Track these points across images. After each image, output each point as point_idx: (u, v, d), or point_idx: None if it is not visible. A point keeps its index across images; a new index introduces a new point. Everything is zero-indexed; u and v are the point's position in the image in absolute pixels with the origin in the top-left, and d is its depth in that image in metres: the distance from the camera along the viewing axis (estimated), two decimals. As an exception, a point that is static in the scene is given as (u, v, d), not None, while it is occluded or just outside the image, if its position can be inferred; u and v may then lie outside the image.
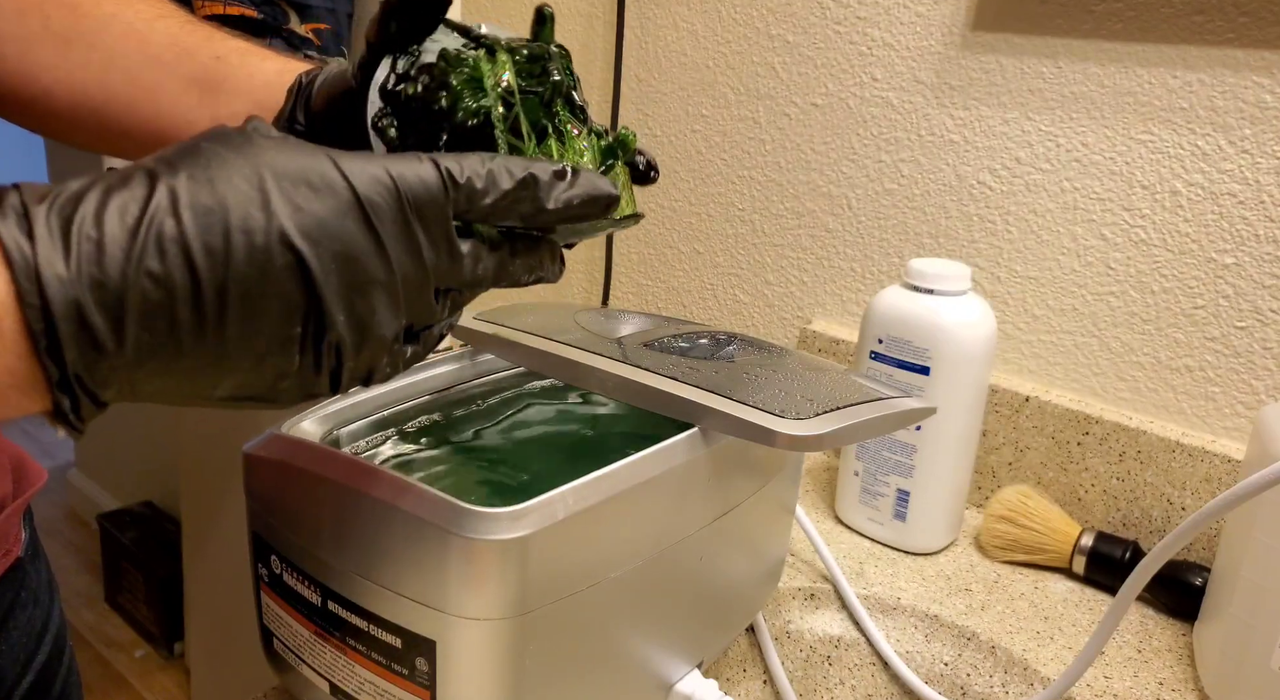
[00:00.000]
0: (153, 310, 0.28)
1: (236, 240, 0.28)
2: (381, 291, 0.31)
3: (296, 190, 0.30)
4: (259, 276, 0.29)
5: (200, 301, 0.28)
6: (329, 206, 0.30)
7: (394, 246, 0.31)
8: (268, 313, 0.29)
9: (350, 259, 0.30)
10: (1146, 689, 0.60)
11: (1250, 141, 0.68)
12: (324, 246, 0.30)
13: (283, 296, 0.29)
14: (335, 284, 0.30)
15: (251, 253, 0.29)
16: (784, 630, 0.66)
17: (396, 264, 0.31)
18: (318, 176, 0.30)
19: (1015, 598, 0.69)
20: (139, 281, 0.28)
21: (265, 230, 0.29)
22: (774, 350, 0.57)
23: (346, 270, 0.30)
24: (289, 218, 0.29)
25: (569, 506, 0.40)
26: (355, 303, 0.31)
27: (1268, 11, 0.66)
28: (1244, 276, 0.69)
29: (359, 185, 0.30)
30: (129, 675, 1.97)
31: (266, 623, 0.47)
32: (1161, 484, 0.72)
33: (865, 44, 0.85)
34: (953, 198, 0.82)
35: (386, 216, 0.31)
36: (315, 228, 0.30)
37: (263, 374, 0.31)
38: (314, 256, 0.29)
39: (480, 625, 0.39)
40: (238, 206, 0.29)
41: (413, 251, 0.32)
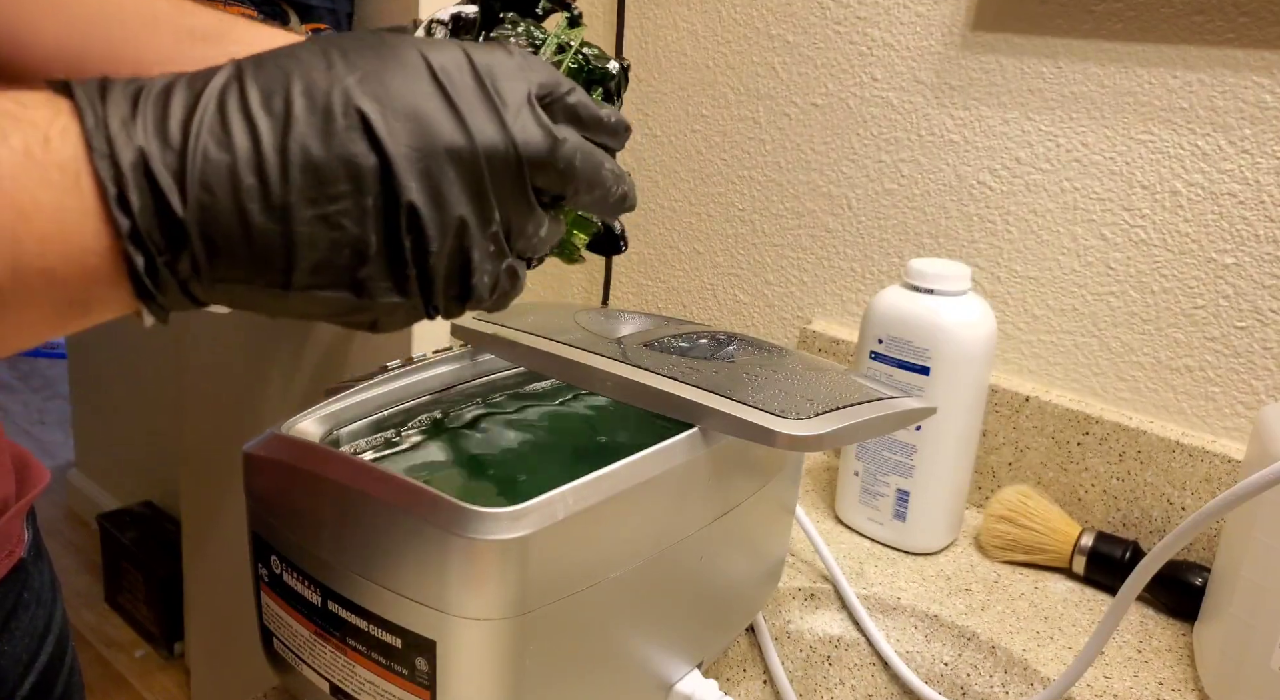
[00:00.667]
0: (214, 170, 0.27)
1: (297, 102, 0.28)
2: (460, 161, 0.29)
3: (362, 56, 0.29)
4: (322, 136, 0.28)
5: (262, 163, 0.28)
6: (396, 68, 0.29)
7: (470, 109, 0.30)
8: (334, 177, 0.28)
9: (420, 118, 0.29)
10: (1146, 689, 0.60)
11: (1250, 141, 0.68)
12: (390, 105, 0.29)
13: (348, 159, 0.28)
14: (404, 144, 0.29)
15: (312, 111, 0.28)
16: (784, 630, 0.66)
17: (475, 130, 0.30)
18: (386, 47, 0.29)
19: (1015, 598, 0.69)
20: (201, 140, 0.27)
21: (327, 91, 0.28)
22: (774, 350, 0.57)
23: (417, 130, 0.29)
24: (353, 78, 0.28)
25: (569, 506, 0.40)
26: (430, 167, 0.29)
27: (1268, 11, 0.66)
28: (1244, 276, 0.69)
29: (430, 54, 0.29)
30: (129, 675, 1.97)
31: (266, 623, 0.47)
32: (1161, 484, 0.72)
33: (865, 44, 0.85)
34: (953, 198, 0.82)
35: (459, 81, 0.29)
36: (380, 86, 0.29)
37: (340, 253, 0.29)
38: (379, 115, 0.28)
39: (480, 625, 0.39)
40: (301, 73, 0.28)
41: (493, 118, 0.30)
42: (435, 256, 0.30)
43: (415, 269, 0.30)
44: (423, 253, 0.30)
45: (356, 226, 0.29)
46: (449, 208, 0.30)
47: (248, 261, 0.29)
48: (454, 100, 0.29)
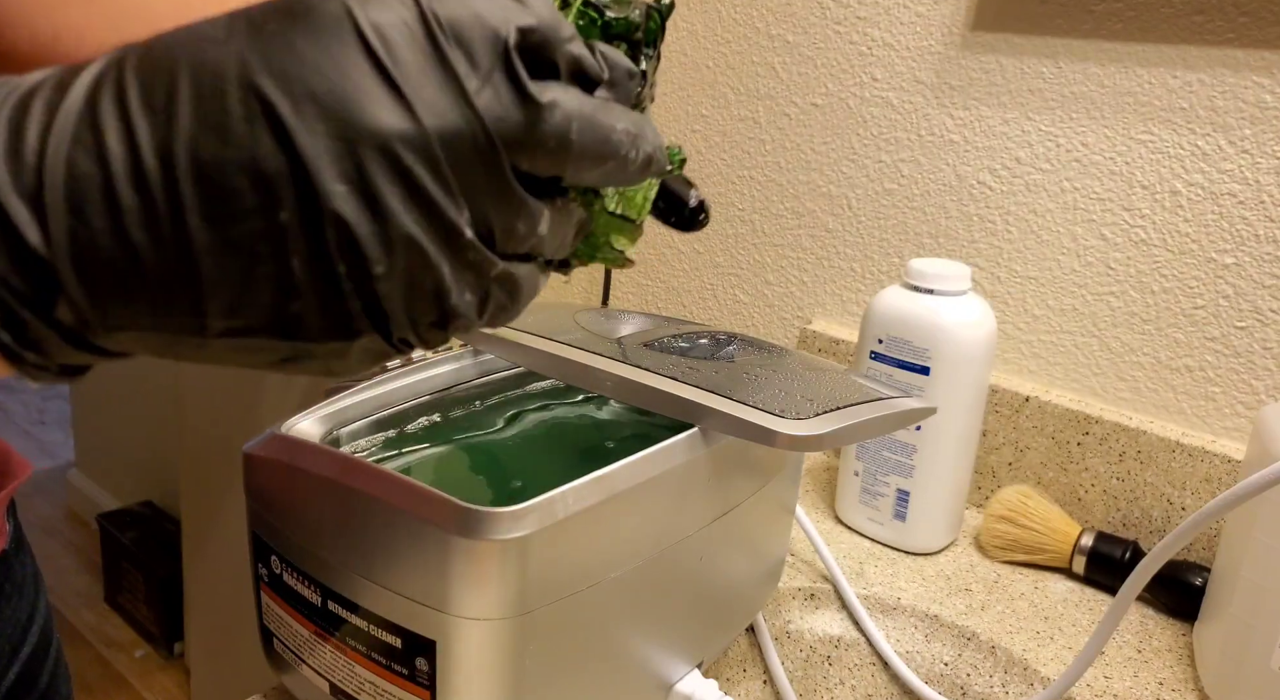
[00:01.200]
0: (83, 188, 0.21)
1: (183, 91, 0.21)
2: (400, 153, 0.22)
3: (272, 21, 0.22)
4: (216, 134, 0.21)
5: (143, 174, 0.21)
6: (312, 32, 0.21)
7: (414, 82, 0.22)
8: (235, 187, 0.21)
9: (342, 99, 0.21)
10: (1146, 689, 0.60)
11: (1250, 141, 0.68)
12: (302, 84, 0.21)
13: (250, 162, 0.21)
14: (322, 136, 0.21)
15: (201, 101, 0.21)
16: (784, 630, 0.66)
17: (422, 110, 0.22)
18: (303, 5, 0.22)
19: (1015, 598, 0.69)
20: (63, 150, 0.21)
21: (219, 72, 0.21)
22: (774, 350, 0.57)
23: (338, 116, 0.21)
24: (255, 53, 0.21)
25: (569, 506, 0.40)
26: (360, 165, 0.22)
27: (1268, 11, 0.66)
28: (1244, 276, 0.69)
29: (360, 9, 0.22)
30: (129, 675, 1.97)
31: (266, 623, 0.47)
32: (1161, 484, 0.72)
33: (865, 44, 0.85)
34: (953, 198, 0.82)
35: (400, 44, 0.22)
36: (290, 60, 0.21)
37: (259, 289, 0.22)
38: (286, 99, 0.21)
39: (480, 625, 0.39)
40: (190, 52, 0.22)
41: (448, 90, 0.22)
42: (383, 281, 0.23)
43: (360, 301, 0.23)
44: (364, 278, 0.23)
45: (272, 250, 0.22)
46: (392, 217, 0.22)
47: (147, 303, 0.22)
48: (390, 71, 0.22)
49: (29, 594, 0.58)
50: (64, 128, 0.21)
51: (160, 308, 0.23)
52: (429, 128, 0.22)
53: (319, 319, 0.23)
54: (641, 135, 0.26)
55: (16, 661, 0.56)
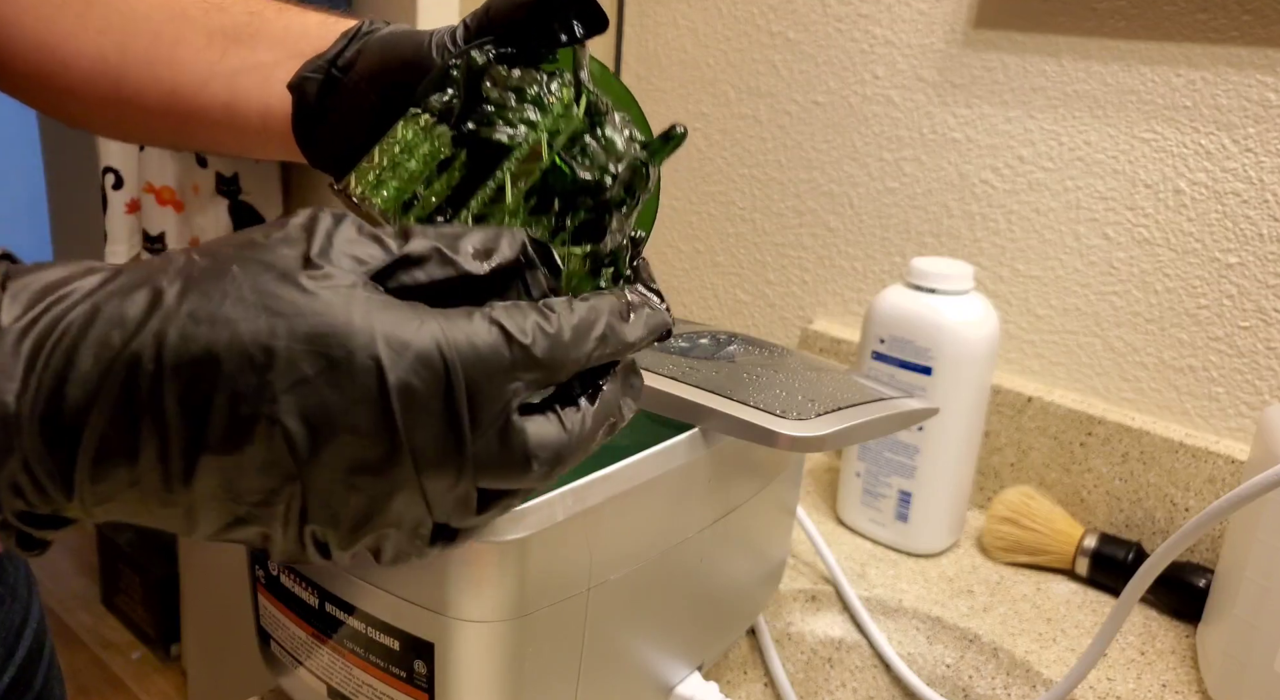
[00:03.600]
0: (110, 461, 0.25)
1: (219, 405, 0.25)
2: (389, 486, 0.27)
3: (308, 359, 0.25)
4: (235, 446, 0.25)
5: (167, 463, 0.25)
6: (342, 391, 0.25)
7: (422, 439, 0.26)
8: (244, 486, 0.26)
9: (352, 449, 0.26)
10: (1150, 691, 0.60)
11: (1254, 140, 0.67)
12: (323, 434, 0.25)
13: (264, 465, 0.26)
14: (327, 473, 0.26)
15: (234, 422, 0.25)
16: (785, 632, 0.66)
17: (420, 460, 0.26)
18: (341, 349, 0.25)
19: (1018, 599, 0.68)
20: (99, 425, 0.25)
21: (254, 400, 0.25)
22: (775, 350, 0.57)
23: (342, 459, 0.26)
24: (287, 391, 0.25)
25: (569, 508, 0.39)
26: (348, 497, 0.27)
27: (1271, 9, 0.65)
28: (1248, 276, 0.69)
29: (391, 369, 0.25)
30: (125, 677, 1.97)
31: (263, 625, 0.47)
32: (1165, 485, 0.71)
33: (867, 42, 0.85)
34: (955, 196, 0.82)
35: (420, 406, 0.26)
36: (316, 412, 0.25)
37: (247, 533, 0.28)
38: (304, 439, 0.25)
39: (479, 627, 0.38)
40: (232, 362, 0.25)
41: (450, 443, 0.26)
42: (340, 554, 0.29)
43: (317, 553, 0.29)
44: (327, 549, 0.29)
45: (263, 522, 0.27)
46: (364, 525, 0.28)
47: (142, 523, 0.27)
48: (402, 434, 0.26)
49: (22, 597, 0.58)
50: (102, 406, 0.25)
51: (156, 526, 0.28)
52: (424, 476, 0.27)
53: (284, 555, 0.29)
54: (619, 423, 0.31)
55: (11, 665, 0.56)
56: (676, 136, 0.35)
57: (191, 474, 0.25)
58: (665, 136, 0.36)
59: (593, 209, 0.33)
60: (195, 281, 0.26)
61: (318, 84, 0.41)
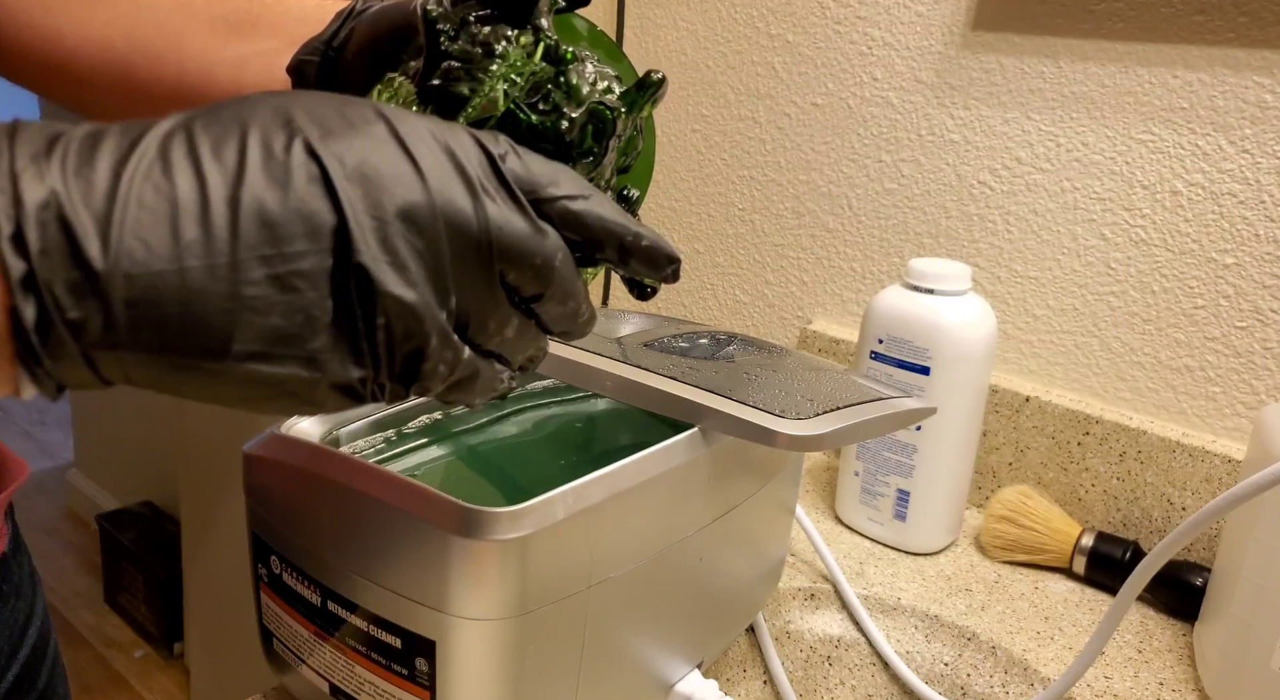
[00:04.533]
0: (151, 218, 0.24)
1: (253, 153, 0.25)
2: (419, 225, 0.27)
3: (324, 113, 0.27)
4: (280, 190, 0.25)
5: (209, 214, 0.25)
6: (358, 128, 0.27)
7: (438, 175, 0.27)
8: (291, 234, 0.25)
9: (382, 178, 0.26)
10: (1147, 689, 0.60)
11: (1251, 141, 0.68)
12: (350, 162, 0.26)
13: (307, 215, 0.26)
14: (362, 203, 0.26)
15: (269, 163, 0.25)
16: (784, 630, 0.66)
17: (437, 194, 0.27)
18: (350, 107, 0.27)
19: (1015, 598, 0.69)
20: (135, 185, 0.24)
21: (286, 144, 0.26)
22: (774, 350, 0.57)
23: (377, 190, 0.26)
24: (315, 133, 0.26)
25: (569, 506, 0.39)
26: (388, 231, 0.26)
27: (1268, 11, 0.66)
28: (1244, 276, 0.69)
29: (396, 121, 0.27)
30: (128, 675, 1.97)
31: (266, 623, 0.47)
32: (1162, 484, 0.72)
33: (865, 44, 0.85)
34: (953, 197, 0.82)
35: (427, 149, 0.27)
36: (341, 144, 0.26)
37: (293, 319, 0.26)
38: (339, 171, 0.26)
39: (480, 625, 0.38)
40: (258, 124, 0.26)
41: (465, 190, 0.27)
42: (382, 330, 0.27)
43: (366, 342, 0.27)
44: (371, 327, 0.27)
45: (313, 290, 0.26)
46: (405, 278, 0.27)
47: (180, 327, 0.25)
48: (420, 164, 0.27)
49: (27, 595, 0.58)
50: (137, 165, 0.25)
51: (192, 333, 0.25)
52: (439, 208, 0.27)
53: (336, 353, 0.27)
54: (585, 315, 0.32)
55: (15, 663, 0.56)
56: (653, 82, 0.35)
57: (236, 221, 0.25)
58: (641, 84, 0.35)
59: (554, 155, 0.33)
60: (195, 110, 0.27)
61: (315, 66, 0.41)
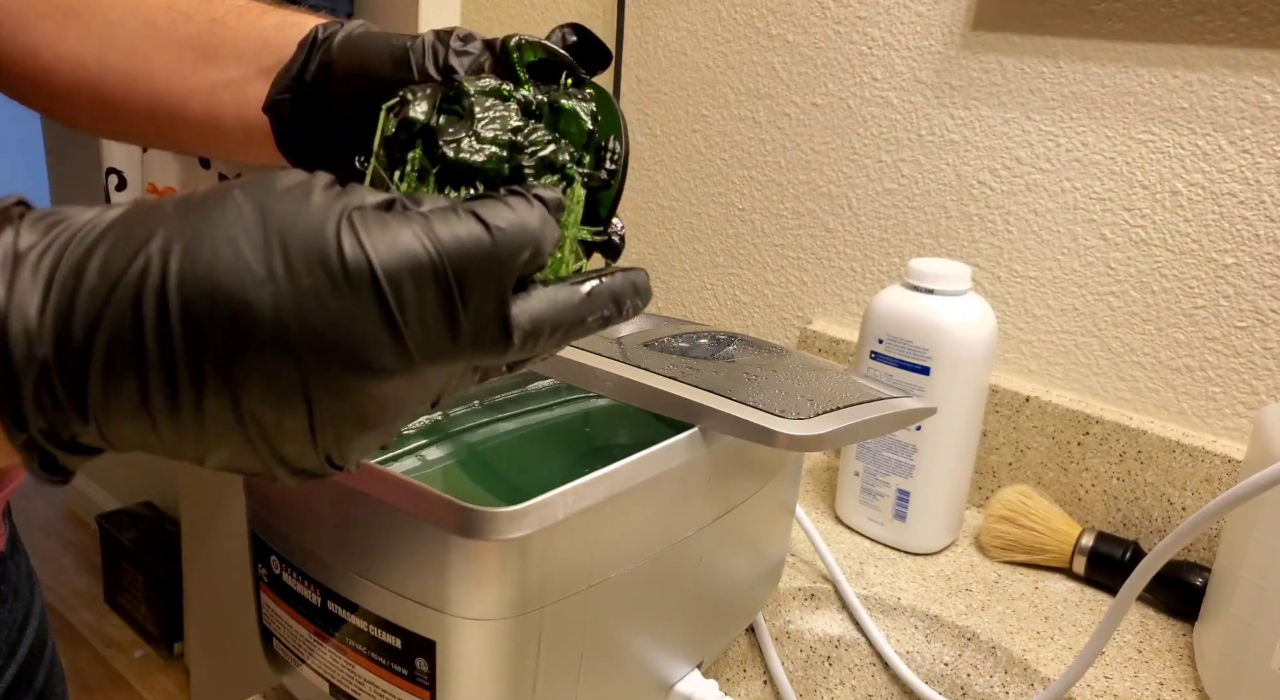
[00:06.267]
0: (119, 376, 0.25)
1: (219, 310, 0.25)
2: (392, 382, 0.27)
3: (308, 272, 0.26)
4: (238, 350, 0.25)
5: (173, 373, 0.25)
6: (337, 291, 0.26)
7: (417, 333, 0.26)
8: (251, 392, 0.26)
9: (350, 352, 0.26)
10: (1147, 689, 0.60)
11: (1251, 141, 0.68)
12: (311, 336, 0.26)
13: (268, 374, 0.26)
14: (323, 373, 0.26)
15: (234, 326, 0.25)
16: (784, 630, 0.66)
17: (418, 352, 0.27)
18: (335, 261, 0.26)
19: (1015, 598, 0.69)
20: (105, 340, 0.25)
21: (249, 304, 0.25)
22: (774, 350, 0.57)
23: (344, 366, 0.26)
24: (285, 291, 0.25)
25: (569, 506, 0.39)
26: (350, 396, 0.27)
27: (1268, 11, 0.66)
28: (1244, 276, 0.69)
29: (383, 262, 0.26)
30: (128, 675, 1.97)
31: (266, 623, 0.47)
32: (1162, 484, 0.72)
33: (865, 44, 0.85)
34: (953, 197, 0.82)
35: (411, 296, 0.26)
36: (313, 309, 0.25)
37: (256, 452, 0.27)
38: (300, 337, 0.25)
39: (480, 625, 0.38)
40: (229, 272, 0.25)
41: (448, 333, 0.27)
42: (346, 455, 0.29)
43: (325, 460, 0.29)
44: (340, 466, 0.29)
45: (276, 434, 0.27)
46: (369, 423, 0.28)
47: (156, 446, 0.27)
48: (403, 332, 0.26)
49: (24, 596, 0.58)
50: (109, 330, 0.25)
51: (170, 449, 0.27)
52: (427, 374, 0.27)
53: (291, 478, 0.29)
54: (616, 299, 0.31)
55: (13, 663, 0.56)
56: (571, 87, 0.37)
57: (200, 390, 0.26)
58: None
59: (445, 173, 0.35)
60: (195, 204, 0.26)
61: (290, 104, 0.41)
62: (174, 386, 0.25)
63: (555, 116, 0.36)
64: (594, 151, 0.37)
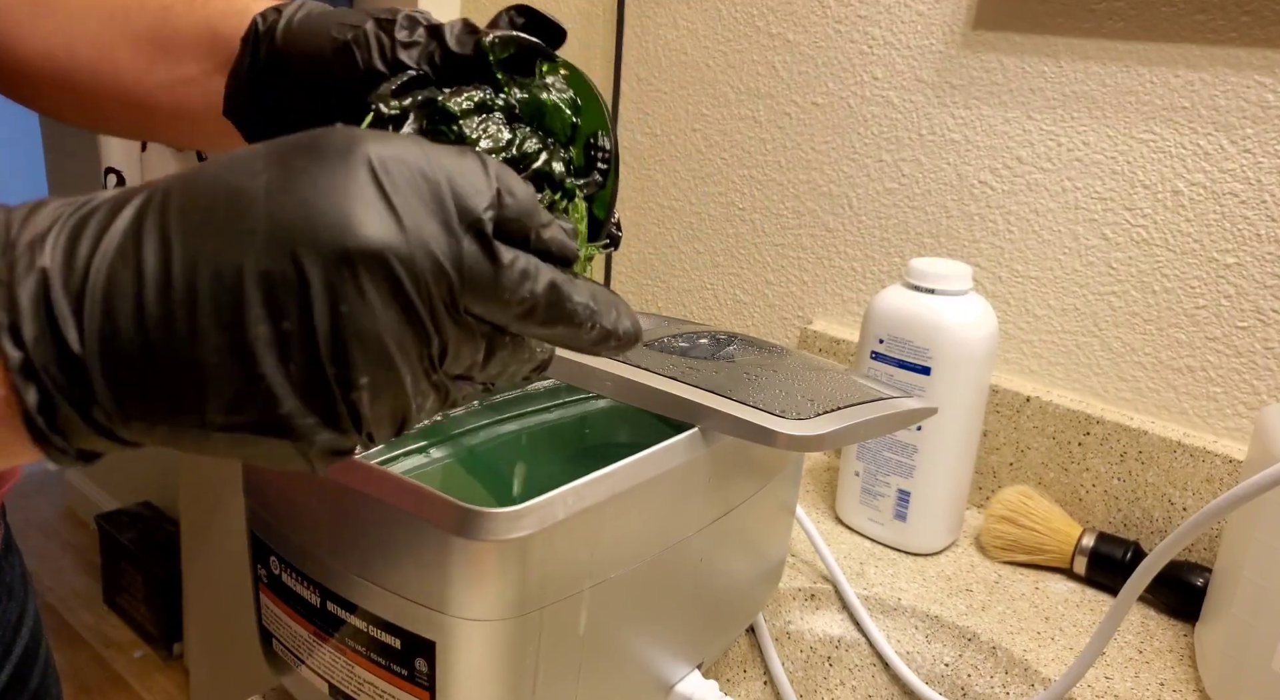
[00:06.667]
0: (118, 294, 0.25)
1: (217, 212, 0.25)
2: (385, 269, 0.25)
3: (298, 155, 0.26)
4: (236, 249, 0.25)
5: (169, 284, 0.25)
6: (330, 164, 0.25)
7: (409, 211, 0.26)
8: (247, 297, 0.25)
9: (345, 220, 0.25)
10: (1148, 690, 0.60)
11: (1252, 141, 0.67)
12: (313, 209, 0.25)
13: (264, 276, 0.25)
14: (325, 256, 0.25)
15: (231, 221, 0.25)
16: (784, 631, 0.66)
17: (412, 232, 0.25)
18: (328, 143, 0.26)
19: (1016, 598, 0.68)
20: (107, 260, 0.25)
21: (249, 196, 0.25)
22: (774, 350, 0.57)
23: (337, 238, 0.25)
24: (278, 182, 0.25)
25: (569, 506, 0.39)
26: (356, 279, 0.25)
27: (1270, 10, 0.66)
28: (1245, 276, 0.69)
29: (376, 148, 0.26)
30: (128, 676, 1.97)
31: (265, 623, 0.47)
32: (1163, 484, 0.72)
33: (866, 43, 0.85)
34: (954, 197, 0.82)
35: (402, 180, 0.26)
36: (306, 189, 0.25)
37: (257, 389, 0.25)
38: (300, 223, 0.25)
39: (480, 626, 0.38)
40: (226, 179, 0.25)
41: (440, 225, 0.26)
42: (364, 389, 0.26)
43: (345, 405, 0.26)
44: (347, 385, 0.26)
45: (273, 354, 0.25)
46: (375, 328, 0.25)
47: (159, 399, 0.25)
48: (391, 198, 0.25)
49: (19, 596, 0.58)
50: (110, 243, 0.25)
51: (170, 404, 0.25)
52: (415, 247, 0.26)
53: (309, 417, 0.26)
54: (598, 311, 0.30)
55: (8, 663, 0.56)
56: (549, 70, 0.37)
57: (194, 280, 0.25)
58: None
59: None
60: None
61: (246, 102, 0.41)
62: (168, 301, 0.25)
63: (538, 113, 0.36)
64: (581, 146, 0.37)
